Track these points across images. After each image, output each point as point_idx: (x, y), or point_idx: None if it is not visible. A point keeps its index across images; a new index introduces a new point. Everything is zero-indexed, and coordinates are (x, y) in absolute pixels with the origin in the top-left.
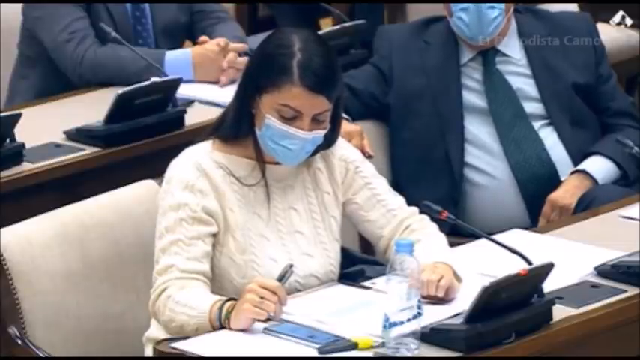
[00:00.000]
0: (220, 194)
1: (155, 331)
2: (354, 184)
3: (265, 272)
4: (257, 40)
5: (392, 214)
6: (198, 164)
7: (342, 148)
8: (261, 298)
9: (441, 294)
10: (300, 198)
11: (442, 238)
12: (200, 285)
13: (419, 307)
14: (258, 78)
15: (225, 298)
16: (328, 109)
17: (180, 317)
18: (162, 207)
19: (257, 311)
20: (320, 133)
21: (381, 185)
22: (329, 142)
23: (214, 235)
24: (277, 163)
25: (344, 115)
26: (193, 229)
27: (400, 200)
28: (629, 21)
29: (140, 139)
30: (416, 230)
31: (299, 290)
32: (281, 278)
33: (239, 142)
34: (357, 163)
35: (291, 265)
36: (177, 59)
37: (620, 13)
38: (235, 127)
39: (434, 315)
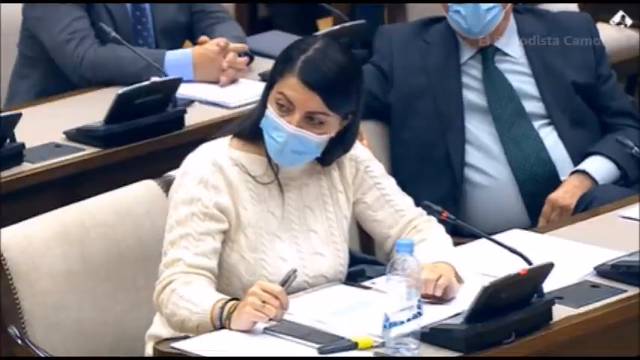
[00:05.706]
0: (234, 191)
1: (157, 328)
2: (364, 184)
3: (273, 271)
4: (257, 40)
5: (400, 215)
6: (214, 160)
7: (352, 147)
8: (263, 302)
9: (438, 293)
10: (315, 197)
11: (447, 239)
12: (205, 281)
13: (419, 307)
14: (273, 72)
15: (227, 297)
16: (324, 113)
17: (182, 312)
18: (175, 200)
19: (258, 314)
20: (309, 135)
21: (390, 185)
22: (345, 147)
23: (225, 232)
24: None
25: None
26: (204, 224)
27: (408, 201)
28: (629, 21)
29: (140, 139)
30: (422, 230)
31: (306, 290)
32: (284, 283)
33: (256, 140)
34: (366, 162)
35: (294, 271)
36: (177, 59)
37: (620, 13)
38: (253, 125)
39: (434, 315)
